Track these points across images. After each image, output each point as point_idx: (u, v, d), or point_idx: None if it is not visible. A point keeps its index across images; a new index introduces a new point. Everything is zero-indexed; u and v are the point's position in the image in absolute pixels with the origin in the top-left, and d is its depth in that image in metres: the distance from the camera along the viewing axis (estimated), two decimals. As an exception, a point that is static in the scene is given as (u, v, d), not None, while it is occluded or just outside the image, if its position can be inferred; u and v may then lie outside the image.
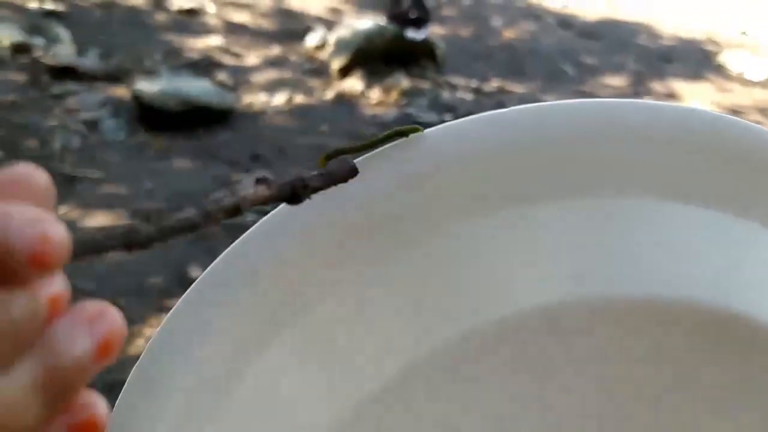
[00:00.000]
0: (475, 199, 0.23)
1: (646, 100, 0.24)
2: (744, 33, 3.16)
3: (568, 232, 0.23)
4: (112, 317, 0.16)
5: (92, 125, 1.88)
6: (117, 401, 0.23)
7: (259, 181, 0.20)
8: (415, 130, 0.23)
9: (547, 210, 0.23)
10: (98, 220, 1.55)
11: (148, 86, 1.94)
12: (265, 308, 0.22)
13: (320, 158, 0.22)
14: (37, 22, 2.24)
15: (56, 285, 0.15)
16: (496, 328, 0.22)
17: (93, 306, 0.16)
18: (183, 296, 0.23)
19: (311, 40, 2.46)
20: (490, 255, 0.22)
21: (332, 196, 0.22)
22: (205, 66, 2.24)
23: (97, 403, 0.16)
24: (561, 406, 0.23)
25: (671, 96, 2.48)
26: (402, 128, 0.23)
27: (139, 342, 1.26)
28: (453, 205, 0.23)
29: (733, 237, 0.23)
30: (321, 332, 0.22)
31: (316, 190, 0.21)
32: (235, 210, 0.19)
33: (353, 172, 0.22)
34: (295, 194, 0.20)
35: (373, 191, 0.23)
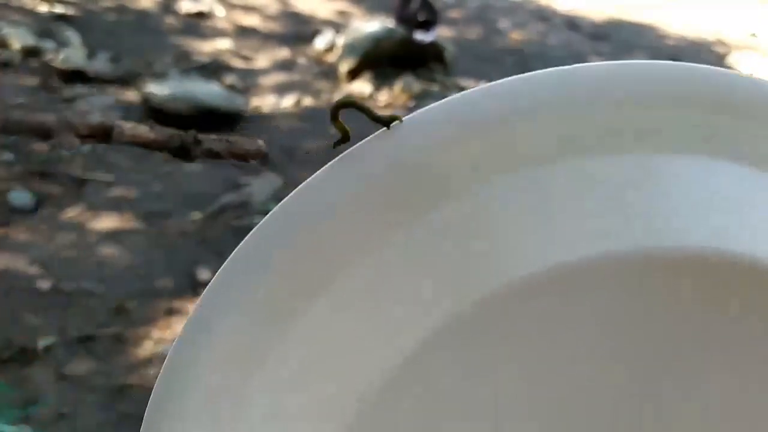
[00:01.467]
0: (496, 159, 0.22)
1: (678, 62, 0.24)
2: (754, 35, 3.15)
3: (589, 189, 0.22)
4: None
5: (102, 128, 1.89)
6: (153, 390, 0.23)
7: (147, 123, 0.18)
8: (394, 119, 0.23)
9: (568, 168, 0.22)
10: (107, 222, 1.56)
11: (157, 89, 1.95)
12: (290, 286, 0.22)
13: (333, 108, 0.22)
14: (48, 26, 2.25)
15: None
16: (521, 286, 0.22)
17: None
18: (221, 269, 0.23)
19: (320, 43, 2.46)
20: (510, 215, 0.22)
21: (355, 162, 0.22)
22: (214, 69, 2.25)
23: None
24: (583, 367, 0.23)
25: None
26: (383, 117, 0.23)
27: (148, 344, 1.27)
28: (474, 167, 0.22)
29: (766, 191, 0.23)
30: (346, 303, 0.22)
31: (211, 153, 0.20)
32: (104, 131, 0.17)
33: (260, 153, 0.21)
34: (184, 147, 0.19)
35: (392, 158, 0.22)
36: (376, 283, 0.22)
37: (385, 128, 0.23)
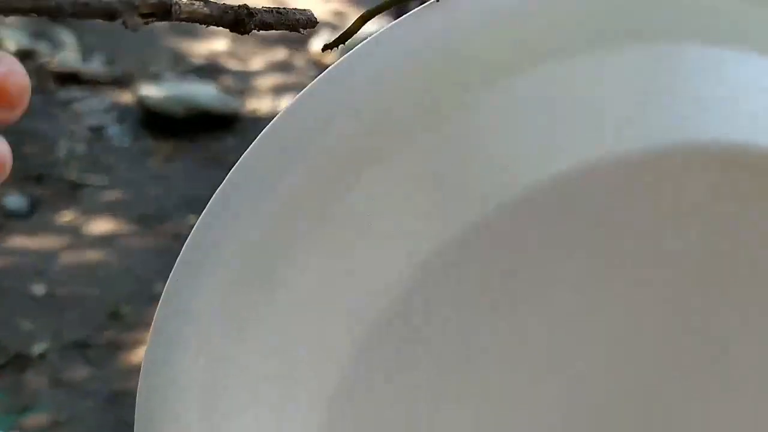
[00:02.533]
0: (512, 56, 0.20)
1: None
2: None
3: (612, 82, 0.20)
4: (12, 62, 0.15)
5: (97, 131, 1.88)
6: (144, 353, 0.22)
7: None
8: None
9: (592, 61, 0.20)
10: (103, 226, 1.54)
11: (153, 92, 1.94)
12: (305, 195, 0.21)
13: (356, 20, 0.21)
14: (43, 28, 2.24)
15: None
16: (544, 189, 0.19)
17: None
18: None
19: (317, 44, 2.45)
20: (533, 113, 0.20)
21: (381, 50, 0.21)
22: (210, 71, 2.23)
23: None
24: (615, 271, 0.20)
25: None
26: None
27: (143, 350, 1.25)
28: (493, 65, 0.20)
29: None
30: (357, 215, 0.21)
31: (264, 25, 0.19)
32: (164, 9, 0.17)
33: (310, 22, 0.21)
34: (239, 21, 0.19)
35: (431, 39, 0.21)
36: (395, 190, 0.20)
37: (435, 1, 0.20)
